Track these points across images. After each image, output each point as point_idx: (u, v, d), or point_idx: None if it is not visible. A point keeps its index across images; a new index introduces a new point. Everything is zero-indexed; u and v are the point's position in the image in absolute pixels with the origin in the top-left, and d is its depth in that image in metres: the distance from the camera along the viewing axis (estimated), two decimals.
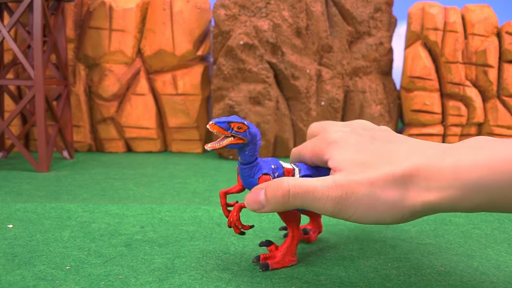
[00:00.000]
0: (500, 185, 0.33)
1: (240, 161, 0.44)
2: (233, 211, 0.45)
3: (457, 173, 0.35)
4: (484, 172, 0.34)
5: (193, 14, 1.31)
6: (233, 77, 1.21)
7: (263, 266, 0.46)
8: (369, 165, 0.38)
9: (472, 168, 0.34)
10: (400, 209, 0.37)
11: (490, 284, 0.43)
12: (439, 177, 0.36)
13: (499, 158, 0.34)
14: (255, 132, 0.43)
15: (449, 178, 0.35)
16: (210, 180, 0.94)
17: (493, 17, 1.34)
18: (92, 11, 1.30)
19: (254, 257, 0.47)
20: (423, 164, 0.37)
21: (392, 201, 0.37)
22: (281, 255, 0.46)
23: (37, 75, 1.01)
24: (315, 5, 1.23)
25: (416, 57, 1.34)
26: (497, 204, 0.35)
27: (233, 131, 0.41)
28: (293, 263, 0.46)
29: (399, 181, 0.37)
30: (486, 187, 0.34)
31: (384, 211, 0.37)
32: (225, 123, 0.41)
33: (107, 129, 1.34)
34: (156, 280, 0.43)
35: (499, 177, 0.33)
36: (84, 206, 0.67)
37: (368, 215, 0.38)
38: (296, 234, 0.46)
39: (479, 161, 0.34)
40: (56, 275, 0.43)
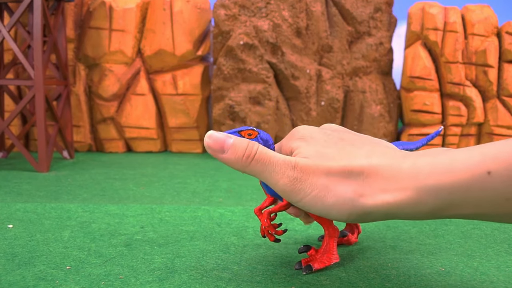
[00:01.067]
0: (457, 188, 0.33)
1: None
2: (263, 218, 0.44)
3: (415, 175, 0.35)
4: (443, 176, 0.34)
5: (193, 14, 1.31)
6: (233, 77, 1.21)
7: (306, 268, 0.45)
8: (331, 157, 0.39)
9: (431, 171, 0.34)
10: (349, 206, 0.37)
11: (490, 284, 0.43)
12: (397, 179, 0.35)
13: (457, 162, 0.34)
14: (266, 137, 0.43)
15: (407, 180, 0.35)
16: (210, 180, 0.94)
17: (493, 17, 1.34)
18: (92, 11, 1.30)
19: (296, 264, 0.46)
20: (382, 165, 0.37)
21: (343, 196, 0.37)
22: (321, 255, 0.46)
23: (37, 75, 1.01)
24: (315, 5, 1.23)
25: (416, 57, 1.34)
26: (453, 208, 0.34)
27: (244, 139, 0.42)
28: (336, 260, 0.45)
29: (355, 177, 0.37)
30: (444, 190, 0.34)
31: (332, 204, 0.37)
32: (236, 132, 0.42)
33: (107, 129, 1.34)
34: (156, 280, 0.43)
35: (456, 180, 0.33)
36: (84, 206, 0.67)
37: (316, 203, 0.38)
38: (331, 232, 0.45)
39: (438, 165, 0.34)
40: (56, 275, 0.43)
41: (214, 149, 0.40)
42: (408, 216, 0.36)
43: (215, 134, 0.41)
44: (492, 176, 0.32)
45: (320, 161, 0.38)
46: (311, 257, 0.46)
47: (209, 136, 0.41)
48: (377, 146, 0.40)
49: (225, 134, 0.41)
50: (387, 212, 0.36)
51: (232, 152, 0.40)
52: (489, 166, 0.32)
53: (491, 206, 0.33)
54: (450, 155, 0.35)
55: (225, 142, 0.40)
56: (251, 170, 0.40)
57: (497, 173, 0.32)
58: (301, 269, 0.45)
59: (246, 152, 0.40)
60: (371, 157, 0.38)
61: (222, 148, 0.40)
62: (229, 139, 0.41)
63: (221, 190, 0.84)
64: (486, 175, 0.32)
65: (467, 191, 0.33)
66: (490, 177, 0.32)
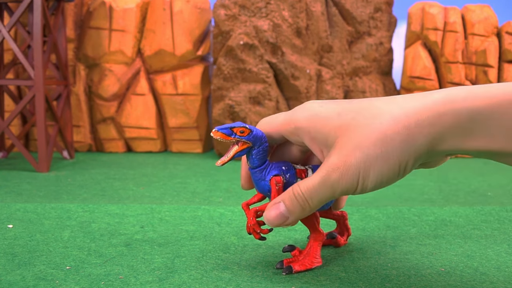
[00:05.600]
0: (493, 112, 0.34)
1: (250, 166, 0.44)
2: (249, 215, 0.44)
3: (452, 100, 0.35)
4: (480, 100, 0.34)
5: (193, 14, 1.31)
6: (233, 77, 1.21)
7: (286, 269, 0.45)
8: (354, 125, 0.37)
9: (467, 96, 0.35)
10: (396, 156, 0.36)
11: (490, 284, 0.43)
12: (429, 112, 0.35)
13: (493, 88, 0.34)
14: (260, 134, 0.43)
15: (443, 105, 0.35)
16: (210, 180, 0.94)
17: (493, 17, 1.34)
18: (92, 11, 1.30)
19: (278, 263, 0.46)
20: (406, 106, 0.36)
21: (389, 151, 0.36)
22: (304, 257, 0.45)
23: (37, 75, 1.01)
24: (315, 5, 1.23)
25: (416, 57, 1.34)
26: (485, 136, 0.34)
27: (236, 135, 0.42)
28: (318, 264, 0.45)
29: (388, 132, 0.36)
30: (481, 113, 0.34)
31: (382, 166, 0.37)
32: (227, 129, 0.41)
33: (107, 129, 1.34)
34: (156, 280, 0.43)
35: (493, 103, 0.34)
36: (84, 206, 0.67)
37: (369, 178, 0.37)
38: (317, 235, 0.45)
39: (474, 90, 0.35)
40: (56, 275, 0.43)
41: (279, 223, 0.41)
42: (446, 145, 0.36)
43: (268, 213, 0.41)
44: None
45: (350, 138, 0.37)
46: (294, 258, 0.46)
47: (266, 216, 0.41)
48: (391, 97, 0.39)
49: (273, 204, 0.41)
50: (430, 145, 0.36)
51: (292, 210, 0.40)
52: None
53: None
54: (485, 85, 0.35)
55: (280, 210, 0.40)
56: (315, 206, 0.40)
57: None
58: (282, 269, 0.45)
59: (299, 200, 0.40)
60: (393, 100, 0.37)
61: (283, 216, 0.40)
62: (280, 204, 0.41)
63: (221, 190, 0.84)
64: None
65: (503, 116, 0.33)
66: None
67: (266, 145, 0.43)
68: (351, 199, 0.76)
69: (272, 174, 0.43)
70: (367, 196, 0.79)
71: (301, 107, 0.42)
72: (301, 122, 0.41)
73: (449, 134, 0.35)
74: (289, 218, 0.40)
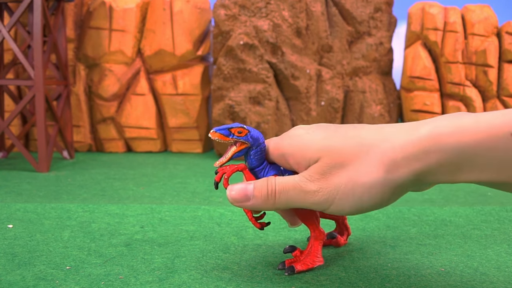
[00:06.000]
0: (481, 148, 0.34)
1: (248, 166, 0.44)
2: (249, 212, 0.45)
3: (437, 137, 0.35)
4: (466, 136, 0.34)
5: (193, 14, 1.31)
6: (233, 77, 1.21)
7: (289, 270, 0.45)
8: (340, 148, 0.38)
9: (453, 131, 0.35)
10: (380, 187, 0.36)
11: (490, 284, 0.43)
12: (417, 145, 0.35)
13: (481, 123, 0.34)
14: (257, 135, 0.43)
15: (428, 143, 0.35)
16: (210, 180, 0.94)
17: (493, 17, 1.34)
18: (92, 11, 1.30)
19: (280, 264, 0.46)
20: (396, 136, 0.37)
21: (369, 180, 0.37)
22: (305, 257, 0.45)
23: (37, 75, 1.01)
24: (315, 5, 1.23)
25: (416, 57, 1.34)
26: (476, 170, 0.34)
27: (234, 136, 0.42)
28: (320, 263, 0.45)
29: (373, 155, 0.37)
30: (468, 149, 0.34)
31: (362, 194, 0.37)
32: (225, 129, 0.42)
33: (107, 129, 1.34)
34: (156, 280, 0.43)
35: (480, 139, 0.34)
36: (84, 206, 0.67)
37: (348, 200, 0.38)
38: (317, 234, 0.45)
39: (461, 125, 0.35)
40: (56, 275, 0.43)
41: (239, 199, 0.41)
42: (434, 178, 0.36)
43: (236, 186, 0.42)
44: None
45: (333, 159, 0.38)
46: (296, 258, 0.46)
47: (231, 189, 0.42)
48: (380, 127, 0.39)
49: (245, 183, 0.42)
50: (416, 179, 0.36)
51: (257, 195, 0.41)
52: (510, 125, 0.33)
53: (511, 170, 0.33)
54: (472, 116, 0.35)
55: (247, 189, 0.41)
56: (279, 203, 0.40)
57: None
58: (284, 270, 0.45)
59: (269, 189, 0.40)
60: (380, 130, 0.38)
61: (246, 196, 0.41)
62: (249, 185, 0.41)
63: (221, 190, 0.84)
64: (509, 136, 0.33)
65: (490, 151, 0.33)
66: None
67: (264, 146, 0.44)
68: None
69: (270, 174, 0.43)
70: None
71: (288, 134, 0.43)
72: (287, 149, 0.42)
73: (437, 170, 0.35)
74: (249, 201, 0.41)
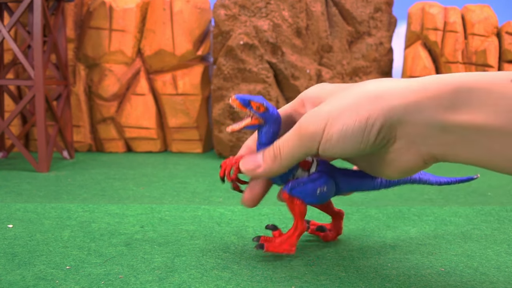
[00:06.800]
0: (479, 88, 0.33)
1: (258, 141, 0.45)
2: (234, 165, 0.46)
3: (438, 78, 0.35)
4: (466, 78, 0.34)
5: (193, 14, 1.31)
6: (233, 77, 1.21)
7: (259, 246, 0.46)
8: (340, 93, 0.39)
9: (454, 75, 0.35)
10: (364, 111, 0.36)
11: (490, 284, 0.43)
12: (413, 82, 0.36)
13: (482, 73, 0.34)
14: (275, 115, 0.43)
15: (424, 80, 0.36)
16: (210, 180, 0.94)
17: (493, 17, 1.34)
18: (92, 11, 1.30)
19: (255, 237, 0.48)
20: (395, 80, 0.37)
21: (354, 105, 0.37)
22: (279, 242, 0.47)
23: (37, 75, 1.01)
24: (315, 5, 1.23)
25: (416, 57, 1.34)
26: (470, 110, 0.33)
27: (252, 109, 0.42)
28: (290, 253, 0.47)
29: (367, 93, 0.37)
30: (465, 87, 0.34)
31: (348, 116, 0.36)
32: (246, 100, 0.42)
33: (107, 129, 1.34)
34: (156, 279, 0.43)
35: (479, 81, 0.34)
36: (84, 206, 0.67)
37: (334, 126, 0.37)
38: (299, 226, 0.46)
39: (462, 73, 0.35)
40: (56, 275, 0.43)
41: (251, 168, 0.43)
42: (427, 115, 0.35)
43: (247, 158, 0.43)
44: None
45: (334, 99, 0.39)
46: (272, 238, 0.47)
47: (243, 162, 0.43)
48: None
49: (255, 154, 0.43)
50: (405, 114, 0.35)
51: (265, 161, 0.42)
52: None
53: (509, 114, 0.32)
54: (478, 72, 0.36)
55: (256, 157, 0.43)
56: (284, 157, 0.41)
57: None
58: (256, 244, 0.47)
59: (274, 149, 0.41)
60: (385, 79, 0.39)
61: (257, 163, 0.43)
62: (258, 154, 0.43)
63: (221, 190, 0.84)
64: (509, 82, 0.32)
65: (489, 91, 0.33)
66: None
67: (278, 129, 0.44)
68: (351, 199, 0.76)
69: None
70: (367, 196, 0.80)
71: (312, 86, 0.44)
72: (307, 94, 0.44)
73: (428, 104, 0.34)
74: (260, 167, 0.42)
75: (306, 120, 0.39)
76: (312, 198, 0.45)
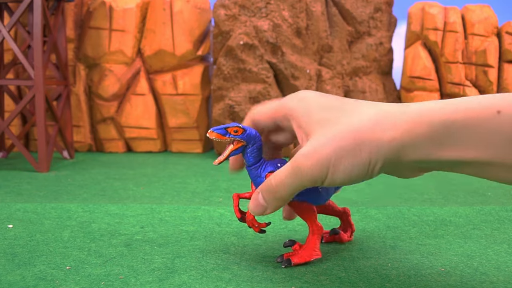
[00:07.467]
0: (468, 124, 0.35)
1: (246, 164, 0.45)
2: (248, 211, 0.46)
3: (428, 111, 0.36)
4: (455, 112, 0.35)
5: (193, 14, 1.31)
6: (233, 77, 1.21)
7: (286, 262, 0.46)
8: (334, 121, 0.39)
9: (442, 108, 0.36)
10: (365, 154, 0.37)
11: (490, 284, 0.43)
12: (405, 117, 0.37)
13: (470, 102, 0.35)
14: (253, 134, 0.44)
15: (418, 116, 0.36)
16: (210, 180, 0.94)
17: (493, 17, 1.34)
18: (92, 11, 1.30)
19: (278, 257, 0.47)
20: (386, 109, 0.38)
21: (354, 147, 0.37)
22: (303, 251, 0.47)
23: (37, 75, 1.01)
24: (315, 5, 1.23)
25: (416, 57, 1.34)
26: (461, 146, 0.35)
27: (230, 135, 0.44)
28: (317, 257, 0.47)
29: (363, 128, 0.38)
30: (455, 124, 0.35)
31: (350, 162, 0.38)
32: (222, 129, 0.44)
33: (107, 129, 1.34)
34: (156, 280, 0.43)
35: (468, 116, 0.35)
36: (84, 206, 0.67)
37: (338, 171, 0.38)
38: (315, 228, 0.46)
39: (450, 103, 0.36)
40: (56, 275, 0.43)
41: (260, 212, 0.43)
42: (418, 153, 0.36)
43: (251, 202, 0.44)
44: (501, 115, 0.34)
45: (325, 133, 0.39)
46: (294, 252, 0.47)
47: (249, 206, 0.44)
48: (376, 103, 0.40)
49: (255, 193, 0.43)
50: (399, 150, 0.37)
51: (268, 202, 0.43)
52: (499, 105, 0.34)
53: (497, 148, 0.34)
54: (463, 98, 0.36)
55: (259, 201, 0.43)
56: (287, 195, 0.42)
57: (506, 112, 0.33)
58: (281, 262, 0.47)
59: (272, 192, 0.42)
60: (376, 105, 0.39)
61: (262, 206, 0.43)
62: (259, 195, 0.43)
63: (221, 190, 0.84)
64: (496, 114, 0.34)
65: (477, 127, 0.34)
66: (500, 116, 0.34)
67: (260, 144, 0.45)
68: (351, 199, 0.76)
69: (267, 170, 0.45)
70: (367, 196, 0.80)
71: (295, 95, 0.43)
72: (291, 110, 0.42)
73: (422, 143, 0.36)
74: (267, 208, 0.43)
75: (306, 164, 0.39)
76: (317, 198, 0.46)
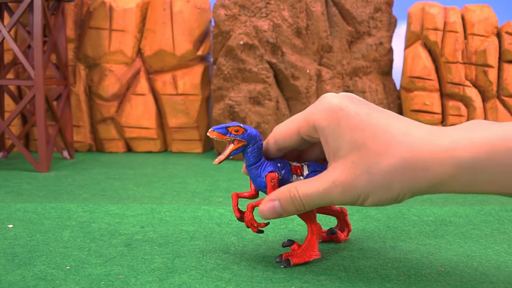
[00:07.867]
0: (492, 161, 0.35)
1: (246, 163, 0.45)
2: (247, 211, 0.46)
3: (453, 151, 0.37)
4: (479, 149, 0.36)
5: (193, 14, 1.31)
6: (233, 77, 1.21)
7: (285, 262, 0.46)
8: (365, 148, 0.39)
9: (467, 145, 0.36)
10: (396, 191, 0.39)
11: (490, 284, 0.43)
12: (436, 156, 0.37)
13: (493, 135, 0.36)
14: (254, 133, 0.44)
15: (445, 157, 0.37)
16: (210, 180, 0.94)
17: (493, 17, 1.34)
18: (92, 11, 1.30)
19: (277, 257, 0.47)
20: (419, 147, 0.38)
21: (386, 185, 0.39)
22: (302, 251, 0.47)
23: (37, 75, 1.01)
24: (315, 5, 1.23)
25: (416, 57, 1.34)
26: (486, 183, 0.36)
27: (231, 134, 0.44)
28: (316, 257, 0.47)
29: (395, 169, 0.38)
30: (479, 163, 0.36)
31: (380, 195, 0.40)
32: (223, 128, 0.44)
33: (107, 129, 1.34)
34: (156, 280, 0.43)
35: (491, 151, 0.35)
36: (84, 206, 0.67)
37: (367, 200, 0.40)
38: (314, 228, 0.46)
39: (475, 139, 0.36)
40: (56, 275, 0.43)
41: (272, 217, 0.44)
42: (447, 189, 0.38)
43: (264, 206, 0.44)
44: None
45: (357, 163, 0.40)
46: (293, 252, 0.47)
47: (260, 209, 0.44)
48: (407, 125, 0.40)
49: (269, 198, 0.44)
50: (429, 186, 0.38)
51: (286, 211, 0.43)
52: None
53: None
54: (485, 128, 0.37)
55: (274, 207, 0.43)
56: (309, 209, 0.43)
57: None
58: (281, 262, 0.47)
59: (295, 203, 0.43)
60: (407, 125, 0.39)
61: (277, 213, 0.44)
62: (275, 202, 0.43)
63: (221, 190, 0.84)
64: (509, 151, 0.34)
65: (503, 165, 0.35)
66: None
67: (261, 143, 0.45)
68: None
69: (267, 170, 0.45)
70: None
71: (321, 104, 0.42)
72: (318, 122, 0.42)
73: (451, 181, 0.37)
74: (282, 215, 0.44)
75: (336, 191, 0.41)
76: None
